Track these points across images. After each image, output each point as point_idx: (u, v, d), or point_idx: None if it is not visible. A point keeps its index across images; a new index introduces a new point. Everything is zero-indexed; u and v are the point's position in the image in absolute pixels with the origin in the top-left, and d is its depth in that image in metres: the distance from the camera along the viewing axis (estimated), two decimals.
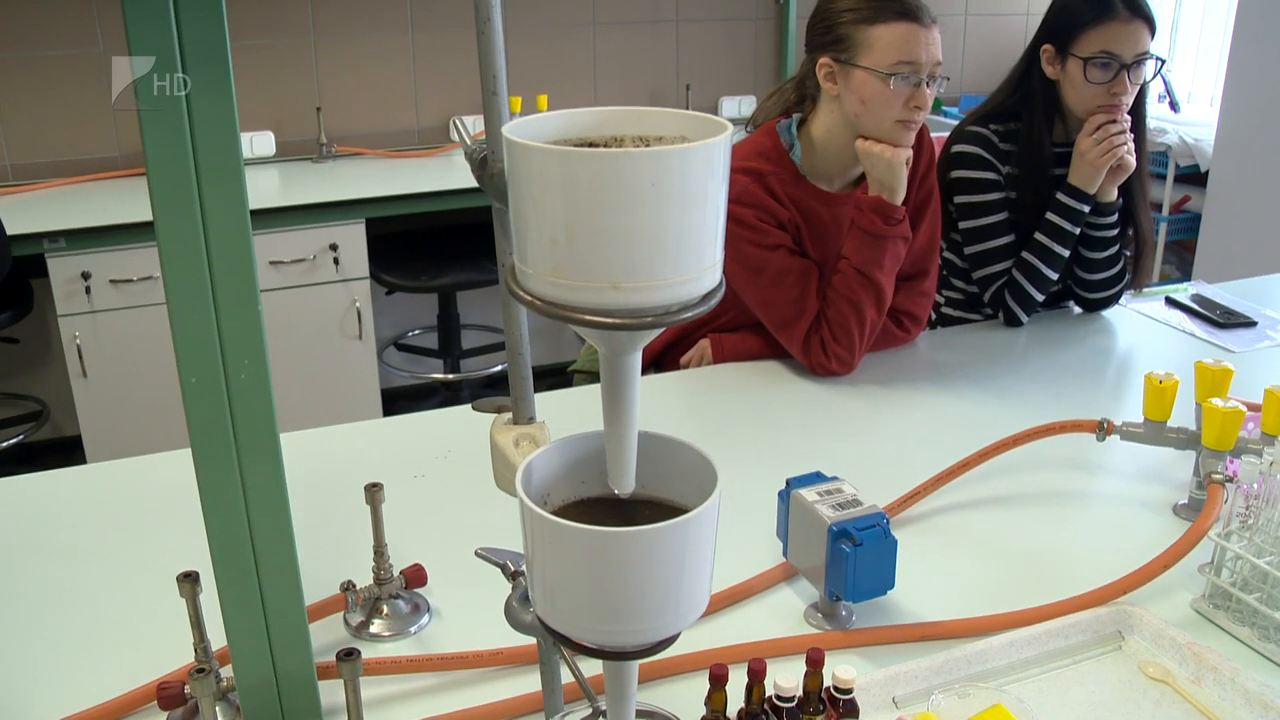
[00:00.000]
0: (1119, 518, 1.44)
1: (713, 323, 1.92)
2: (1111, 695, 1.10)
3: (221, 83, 0.73)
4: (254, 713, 0.97)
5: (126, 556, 1.32)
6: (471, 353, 3.95)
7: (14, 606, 1.23)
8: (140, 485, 1.51)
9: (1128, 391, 1.83)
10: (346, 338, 3.36)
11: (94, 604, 1.24)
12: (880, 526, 1.11)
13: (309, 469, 1.46)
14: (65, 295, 3.00)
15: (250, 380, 0.87)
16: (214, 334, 0.84)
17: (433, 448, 1.59)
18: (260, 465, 0.89)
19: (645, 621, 0.51)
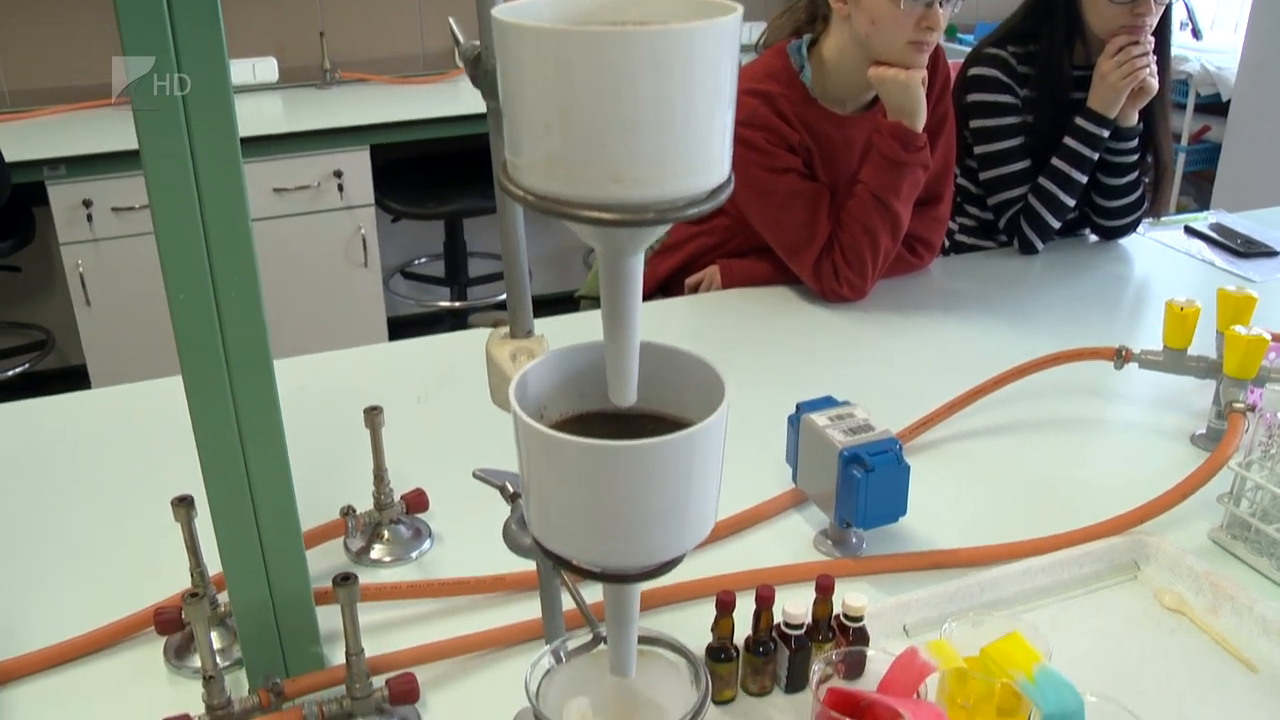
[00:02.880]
0: (1136, 447, 1.41)
1: (721, 248, 1.88)
2: (1126, 624, 1.07)
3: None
4: (251, 638, 0.96)
5: (127, 482, 1.31)
6: (478, 280, 3.91)
7: (13, 532, 1.21)
8: (142, 411, 1.49)
9: (1145, 320, 1.80)
10: (352, 265, 3.32)
11: (93, 530, 1.22)
12: (893, 452, 1.08)
13: (309, 394, 1.44)
14: (67, 223, 2.97)
15: (241, 298, 0.84)
16: (202, 249, 0.81)
17: (435, 372, 1.56)
18: (252, 385, 0.87)
19: (647, 542, 0.48)
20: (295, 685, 0.95)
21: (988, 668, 0.86)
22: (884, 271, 1.79)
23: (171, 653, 1.03)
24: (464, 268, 3.80)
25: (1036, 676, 0.83)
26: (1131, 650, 1.04)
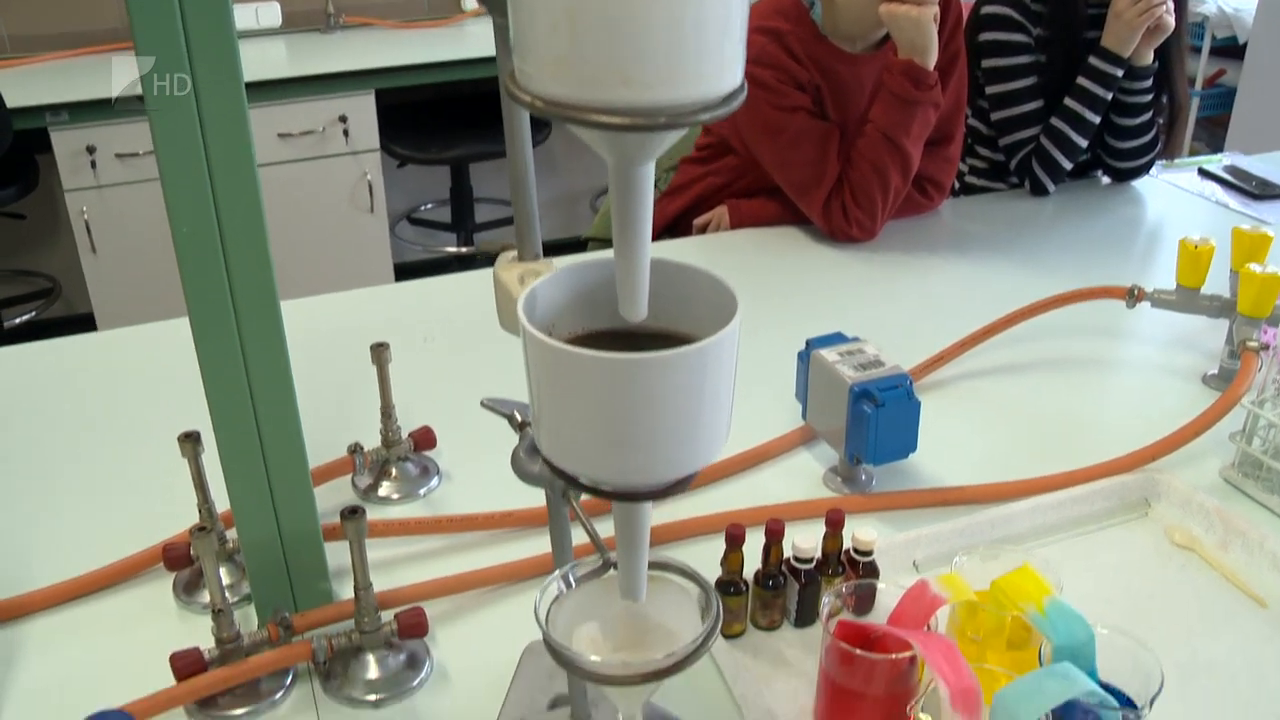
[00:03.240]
0: (1147, 386, 1.40)
1: (729, 188, 1.86)
2: (1137, 561, 1.07)
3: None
4: (259, 573, 0.96)
5: (134, 422, 1.30)
6: (485, 226, 3.89)
7: (22, 472, 1.21)
8: (148, 352, 1.48)
9: (1157, 262, 1.78)
10: (358, 211, 3.30)
11: (102, 469, 1.22)
12: (903, 388, 1.07)
13: (315, 334, 1.43)
14: (71, 170, 2.95)
15: (245, 228, 0.82)
16: (205, 177, 0.80)
17: (442, 313, 1.56)
18: (259, 321, 0.86)
19: (659, 458, 0.47)
20: (304, 620, 0.95)
21: (998, 600, 0.85)
22: (893, 212, 1.77)
23: (180, 589, 1.03)
24: (470, 213, 3.78)
25: (1047, 609, 0.82)
26: (1141, 586, 1.04)
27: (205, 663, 0.89)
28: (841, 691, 0.84)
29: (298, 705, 0.91)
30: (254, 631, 0.92)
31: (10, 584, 1.01)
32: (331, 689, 0.91)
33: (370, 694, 0.90)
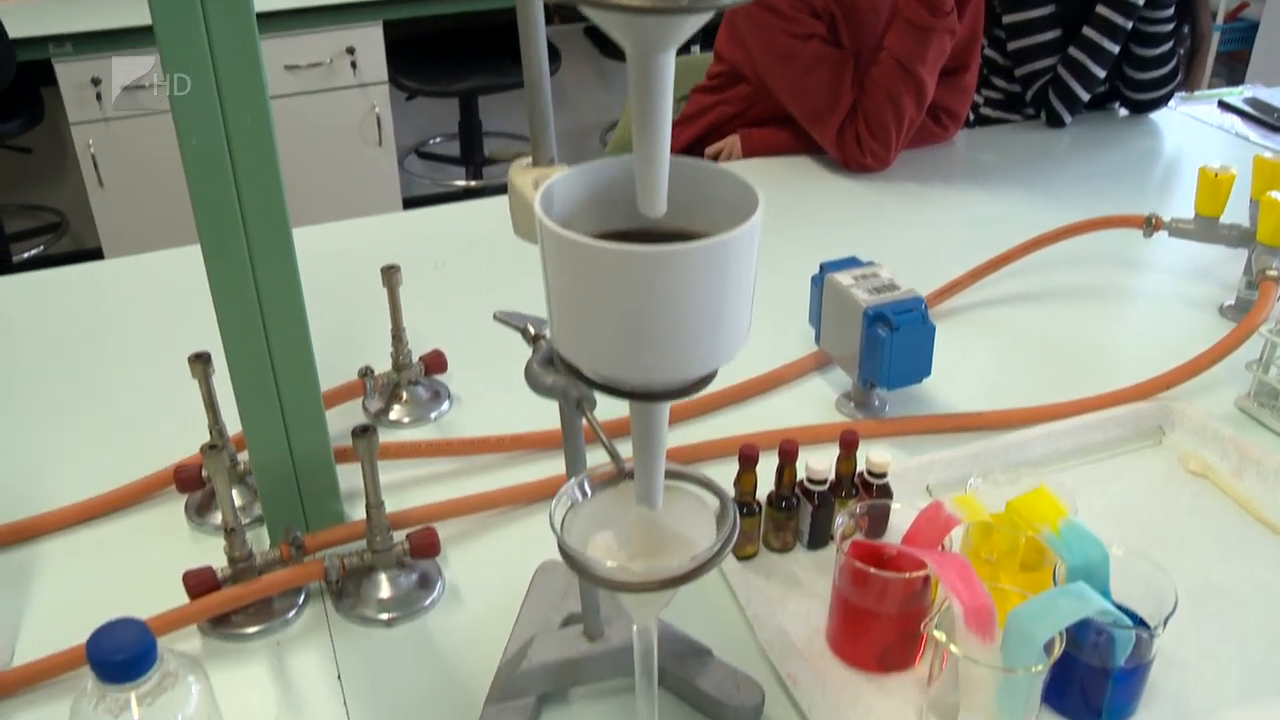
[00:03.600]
0: (1163, 316, 1.39)
1: (741, 117, 1.84)
2: (1150, 488, 1.07)
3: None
4: (271, 495, 0.95)
5: (145, 348, 1.30)
6: (494, 160, 3.86)
7: (34, 398, 1.21)
8: (157, 279, 1.47)
9: (1175, 195, 1.76)
10: (366, 144, 3.27)
11: (113, 394, 1.22)
12: (918, 311, 1.06)
13: (324, 260, 1.42)
14: (76, 103, 2.92)
15: (254, 139, 0.81)
16: (212, 85, 0.78)
17: (452, 240, 1.54)
18: (269, 241, 0.85)
19: (679, 355, 0.46)
20: (316, 539, 0.95)
21: (1013, 521, 0.85)
22: (908, 141, 1.75)
23: (193, 510, 1.03)
24: (479, 147, 3.75)
25: (1062, 529, 0.82)
26: (1154, 513, 1.03)
27: (218, 581, 0.90)
28: (854, 611, 0.84)
29: (310, 624, 0.91)
30: (266, 551, 0.92)
31: (25, 505, 1.01)
32: (344, 608, 0.91)
33: (382, 613, 0.91)
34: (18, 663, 0.85)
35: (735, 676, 0.80)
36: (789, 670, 0.82)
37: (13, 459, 1.11)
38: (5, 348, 1.31)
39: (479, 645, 0.87)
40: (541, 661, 0.78)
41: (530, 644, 0.80)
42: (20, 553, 0.98)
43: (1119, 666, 0.78)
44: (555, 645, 0.79)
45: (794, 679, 0.81)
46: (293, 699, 0.84)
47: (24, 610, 0.92)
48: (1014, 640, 0.74)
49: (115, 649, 0.59)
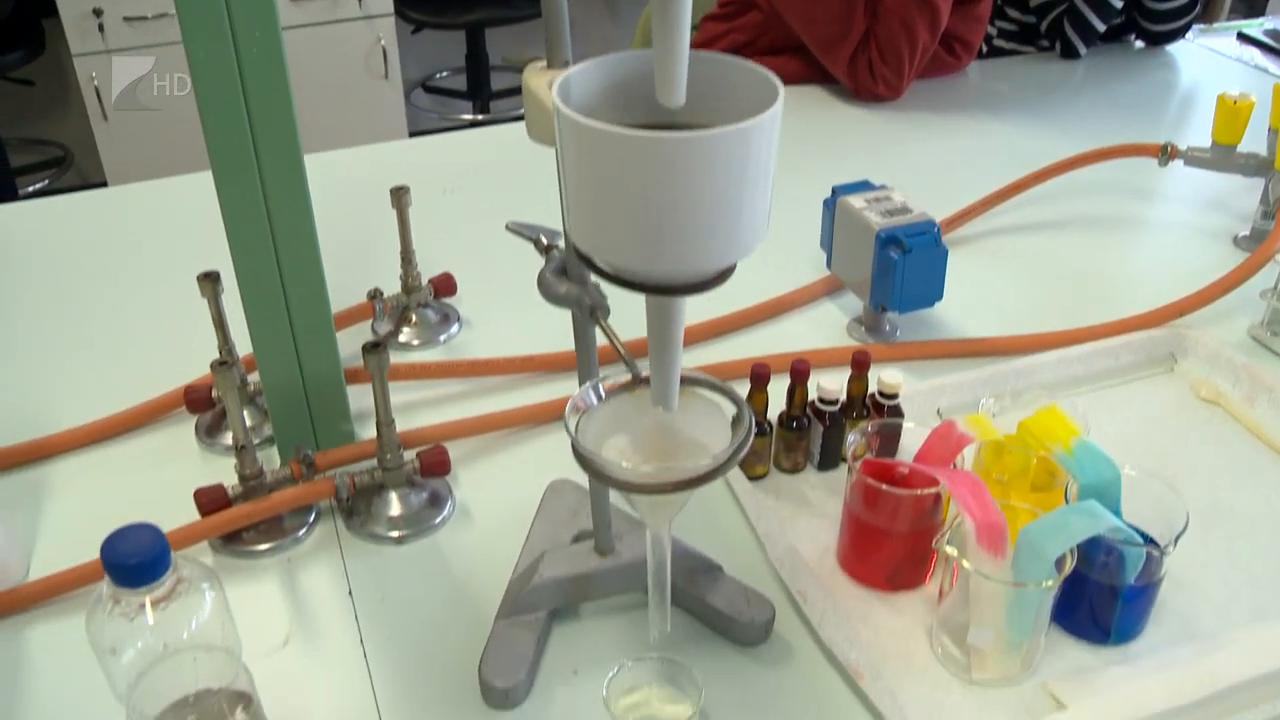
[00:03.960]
0: (1177, 245, 1.37)
1: (752, 45, 1.82)
2: (1161, 414, 1.06)
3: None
4: (281, 415, 0.95)
5: (154, 273, 1.29)
6: (501, 94, 3.82)
7: (43, 322, 1.21)
8: (167, 205, 1.47)
9: (1191, 127, 1.74)
10: (373, 78, 3.24)
11: (122, 318, 1.21)
12: (931, 234, 1.05)
13: (332, 185, 1.41)
14: (78, 35, 2.89)
15: (263, 53, 0.80)
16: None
17: (461, 166, 1.53)
18: (279, 159, 0.84)
19: (700, 245, 0.46)
20: (326, 458, 0.95)
21: (1025, 441, 0.85)
22: (920, 70, 1.73)
23: (203, 432, 1.03)
24: (486, 81, 3.72)
25: (1074, 449, 0.82)
26: (1166, 438, 1.03)
27: (229, 499, 0.90)
28: (865, 529, 0.84)
29: (321, 542, 0.91)
30: (276, 470, 0.92)
31: (37, 426, 1.02)
32: (354, 526, 0.92)
33: (393, 530, 0.91)
34: (32, 579, 0.86)
35: (746, 593, 0.81)
36: (800, 587, 0.82)
37: (24, 381, 1.11)
38: (15, 274, 1.30)
39: (489, 562, 0.87)
40: (552, 576, 0.78)
41: (541, 559, 0.80)
42: (33, 473, 0.99)
43: (1129, 585, 0.79)
44: (566, 560, 0.80)
45: (804, 596, 0.82)
46: (304, 615, 0.84)
47: (37, 529, 0.92)
48: (1025, 556, 0.74)
49: (130, 552, 0.59)
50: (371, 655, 0.80)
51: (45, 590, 0.84)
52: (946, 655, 0.79)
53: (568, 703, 0.76)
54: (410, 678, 0.78)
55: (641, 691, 0.71)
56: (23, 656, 0.81)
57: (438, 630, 0.82)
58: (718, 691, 0.76)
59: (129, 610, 0.61)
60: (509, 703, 0.76)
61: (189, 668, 0.64)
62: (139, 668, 0.62)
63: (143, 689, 0.63)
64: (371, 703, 0.77)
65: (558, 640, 0.81)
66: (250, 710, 0.68)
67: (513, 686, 0.75)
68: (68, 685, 0.79)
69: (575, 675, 0.78)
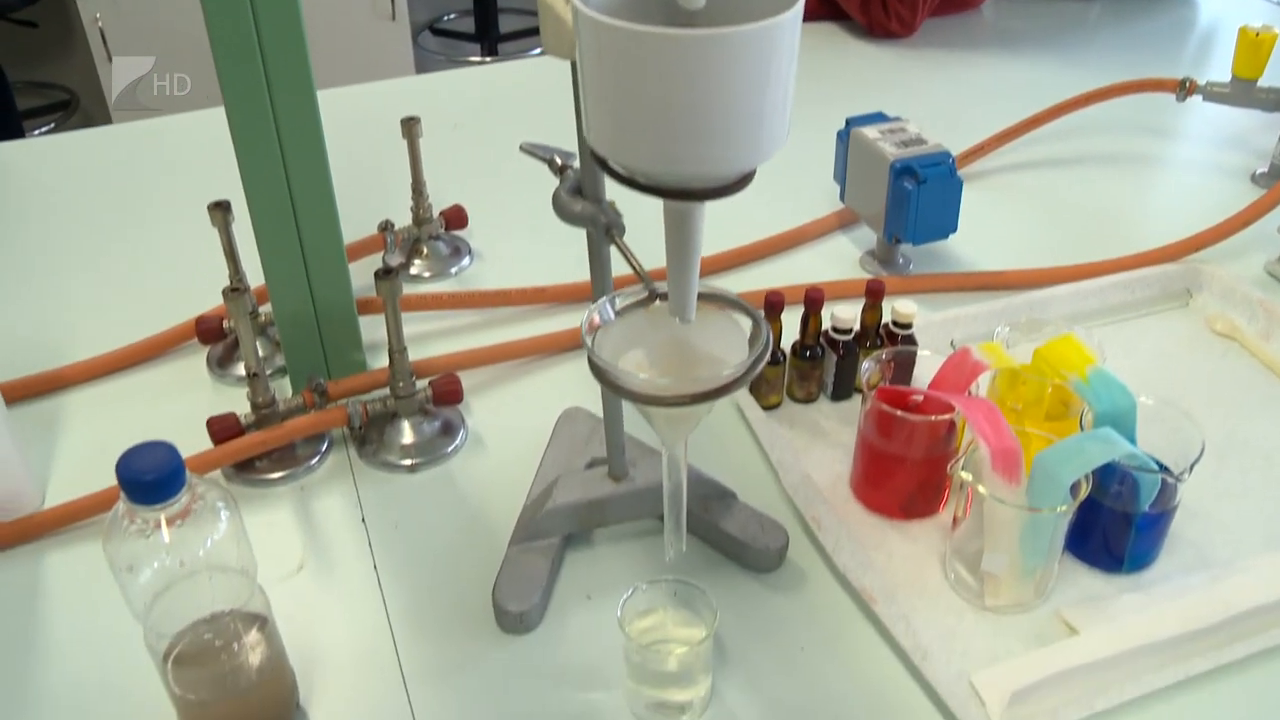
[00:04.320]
0: (1194, 183, 1.36)
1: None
2: (1177, 348, 1.06)
3: None
4: (293, 345, 0.95)
5: (165, 207, 1.29)
6: (510, 37, 3.78)
7: (56, 255, 1.21)
8: (177, 140, 1.46)
9: (1210, 63, 1.71)
10: (379, 19, 3.20)
11: (133, 251, 1.21)
12: (946, 165, 1.04)
13: (342, 122, 1.39)
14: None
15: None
16: None
17: (470, 101, 1.52)
18: (291, 89, 0.83)
19: (721, 147, 0.45)
20: (338, 387, 0.95)
21: (1040, 368, 0.84)
22: (935, 7, 1.70)
23: (214, 363, 1.03)
24: (495, 23, 3.67)
25: (1090, 376, 0.81)
26: (1180, 371, 1.03)
27: (242, 427, 0.90)
28: (880, 456, 0.83)
29: (334, 470, 0.91)
30: (289, 399, 0.92)
31: (51, 358, 1.02)
32: (367, 454, 0.92)
33: (405, 459, 0.91)
34: (47, 507, 0.86)
35: (760, 519, 0.81)
36: (814, 514, 0.82)
37: (37, 314, 1.11)
38: (26, 210, 1.30)
39: (502, 490, 0.87)
40: (566, 501, 0.78)
41: (554, 485, 0.80)
42: (47, 404, 0.99)
43: (1143, 512, 0.78)
44: (580, 486, 0.80)
45: (818, 523, 0.82)
46: (318, 542, 0.85)
47: (51, 459, 0.92)
48: (1040, 482, 0.73)
49: (145, 469, 0.59)
50: (385, 581, 0.81)
51: (60, 518, 0.85)
52: (960, 582, 0.79)
53: (581, 627, 0.77)
54: (424, 603, 0.79)
55: (656, 614, 0.71)
56: (40, 583, 0.81)
57: (451, 556, 0.82)
58: (731, 617, 0.76)
59: (145, 528, 0.61)
60: (523, 627, 0.76)
61: (205, 588, 0.64)
62: (156, 587, 0.63)
63: (160, 609, 0.63)
64: (386, 627, 0.77)
65: (571, 566, 0.81)
66: (266, 631, 0.68)
67: (526, 610, 0.75)
68: (84, 611, 0.79)
69: (589, 600, 0.79)
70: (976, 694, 0.71)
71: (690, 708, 0.70)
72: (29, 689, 0.73)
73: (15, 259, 1.21)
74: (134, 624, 0.64)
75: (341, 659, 0.75)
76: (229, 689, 0.67)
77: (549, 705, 0.71)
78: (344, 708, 0.72)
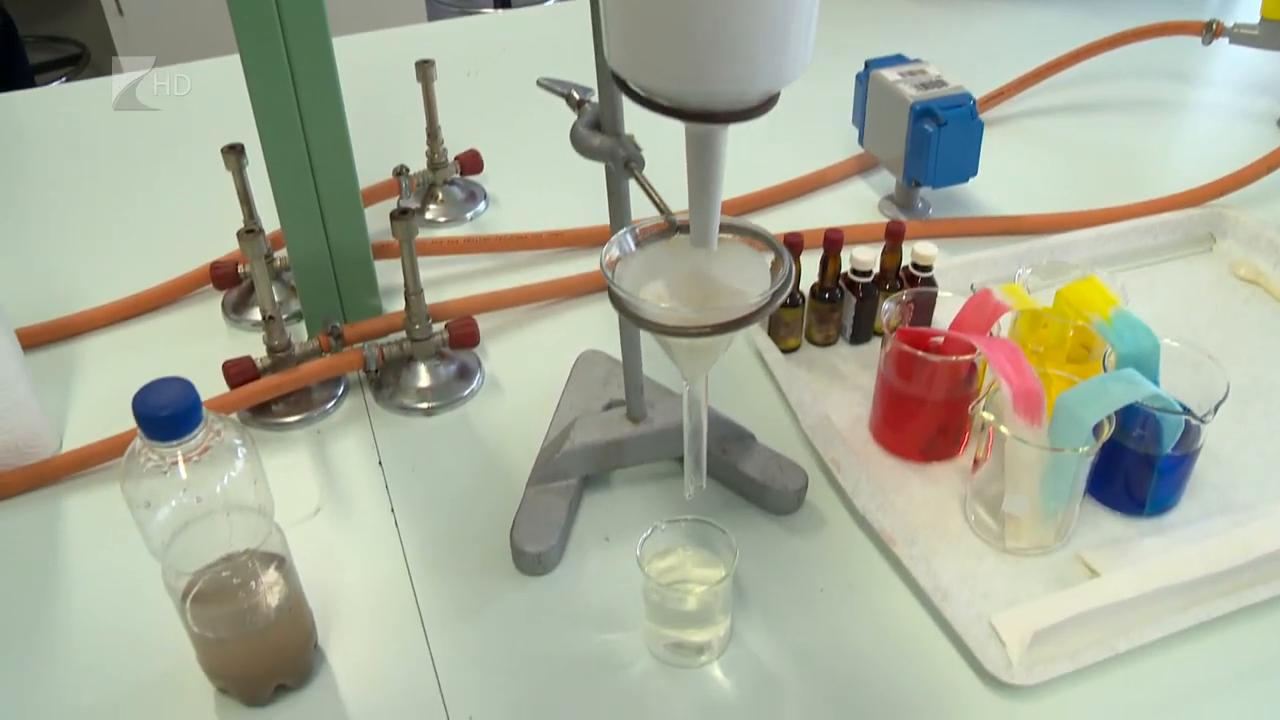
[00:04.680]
0: (1218, 127, 1.34)
1: None
2: (1199, 293, 1.04)
3: None
4: (309, 290, 0.95)
5: (179, 154, 1.28)
6: None
7: (69, 203, 1.21)
8: (189, 88, 1.44)
9: (1237, 5, 1.68)
10: None
11: (149, 198, 1.21)
12: (967, 107, 1.02)
13: (354, 69, 1.38)
14: None
15: None
16: None
17: (485, 47, 1.50)
18: (306, 33, 0.82)
19: (745, 67, 0.44)
20: (354, 330, 0.94)
21: (1062, 310, 0.83)
22: None
23: (229, 308, 1.03)
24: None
25: (1113, 318, 0.80)
26: (1202, 316, 1.01)
27: (257, 371, 0.90)
28: (900, 398, 0.83)
29: (350, 414, 0.91)
30: (304, 342, 0.91)
31: (66, 304, 1.01)
32: (383, 398, 0.91)
33: (422, 402, 0.91)
34: (64, 451, 0.86)
35: (779, 461, 0.80)
36: (833, 456, 0.82)
37: (53, 260, 1.11)
38: (41, 158, 1.29)
39: (519, 434, 0.87)
40: (584, 442, 0.78)
41: (572, 426, 0.79)
42: (62, 350, 0.99)
43: (1165, 454, 0.78)
44: (598, 426, 0.79)
45: (838, 465, 0.81)
46: (335, 485, 0.84)
47: (68, 404, 0.92)
48: (1062, 423, 0.73)
49: (161, 405, 0.59)
50: (402, 524, 0.81)
51: (77, 461, 0.85)
52: (980, 524, 0.79)
53: (599, 568, 0.76)
54: (441, 545, 0.79)
55: (675, 554, 0.71)
56: (59, 526, 0.81)
57: (468, 499, 0.82)
58: (750, 559, 0.76)
59: (162, 465, 0.61)
60: (541, 568, 0.76)
61: (223, 527, 0.64)
62: (174, 525, 0.63)
63: (178, 547, 0.63)
64: (403, 569, 0.77)
65: (589, 508, 0.81)
66: (283, 571, 0.68)
67: (544, 551, 0.75)
68: (103, 553, 0.79)
69: (607, 542, 0.78)
70: (997, 635, 0.71)
71: (709, 648, 0.70)
72: (49, 629, 0.74)
73: (31, 207, 1.20)
74: (153, 565, 0.64)
75: (359, 601, 0.75)
76: (247, 627, 0.67)
77: (567, 646, 0.71)
78: (362, 649, 0.72)
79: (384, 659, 0.71)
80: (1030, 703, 0.67)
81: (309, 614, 0.71)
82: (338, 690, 0.69)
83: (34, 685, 0.70)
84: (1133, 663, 0.69)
